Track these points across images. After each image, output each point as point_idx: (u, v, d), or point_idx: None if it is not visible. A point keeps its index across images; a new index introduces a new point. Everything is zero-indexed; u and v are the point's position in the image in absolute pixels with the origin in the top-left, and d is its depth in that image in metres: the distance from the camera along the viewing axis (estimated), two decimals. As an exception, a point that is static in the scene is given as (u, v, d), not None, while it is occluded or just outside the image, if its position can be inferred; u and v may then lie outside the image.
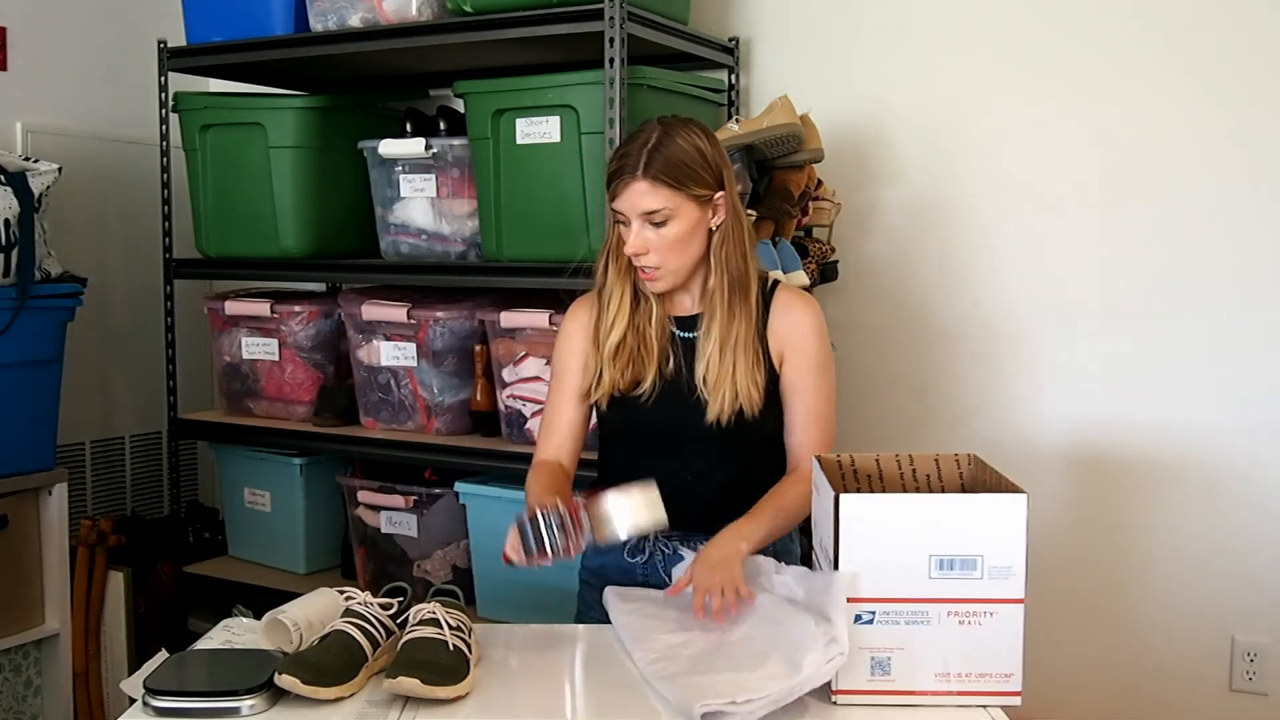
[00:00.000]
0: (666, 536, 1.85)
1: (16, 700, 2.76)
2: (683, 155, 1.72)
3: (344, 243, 2.87)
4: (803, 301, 1.86)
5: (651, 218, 1.72)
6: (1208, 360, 2.54)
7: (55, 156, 2.73)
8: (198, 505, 3.31)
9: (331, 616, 1.58)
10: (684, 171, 1.72)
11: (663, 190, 1.71)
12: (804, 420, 1.83)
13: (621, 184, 1.72)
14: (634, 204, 1.72)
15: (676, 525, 1.81)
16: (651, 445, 1.85)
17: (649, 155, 1.71)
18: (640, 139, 1.74)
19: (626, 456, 1.88)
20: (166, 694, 1.42)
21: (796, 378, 1.82)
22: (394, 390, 2.71)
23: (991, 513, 1.43)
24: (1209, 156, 2.50)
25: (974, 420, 2.74)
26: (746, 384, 1.77)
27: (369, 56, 2.69)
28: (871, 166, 2.78)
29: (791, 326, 1.82)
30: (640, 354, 1.81)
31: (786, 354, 1.82)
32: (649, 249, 1.74)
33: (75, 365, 2.86)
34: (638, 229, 1.73)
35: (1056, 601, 2.65)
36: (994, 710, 1.44)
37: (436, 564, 2.73)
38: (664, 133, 1.74)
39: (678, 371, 1.81)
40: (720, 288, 1.78)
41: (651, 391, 1.80)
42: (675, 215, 1.73)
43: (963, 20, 2.68)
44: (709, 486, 1.83)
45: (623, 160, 1.73)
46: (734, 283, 1.78)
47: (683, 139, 1.74)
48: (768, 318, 1.82)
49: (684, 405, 1.79)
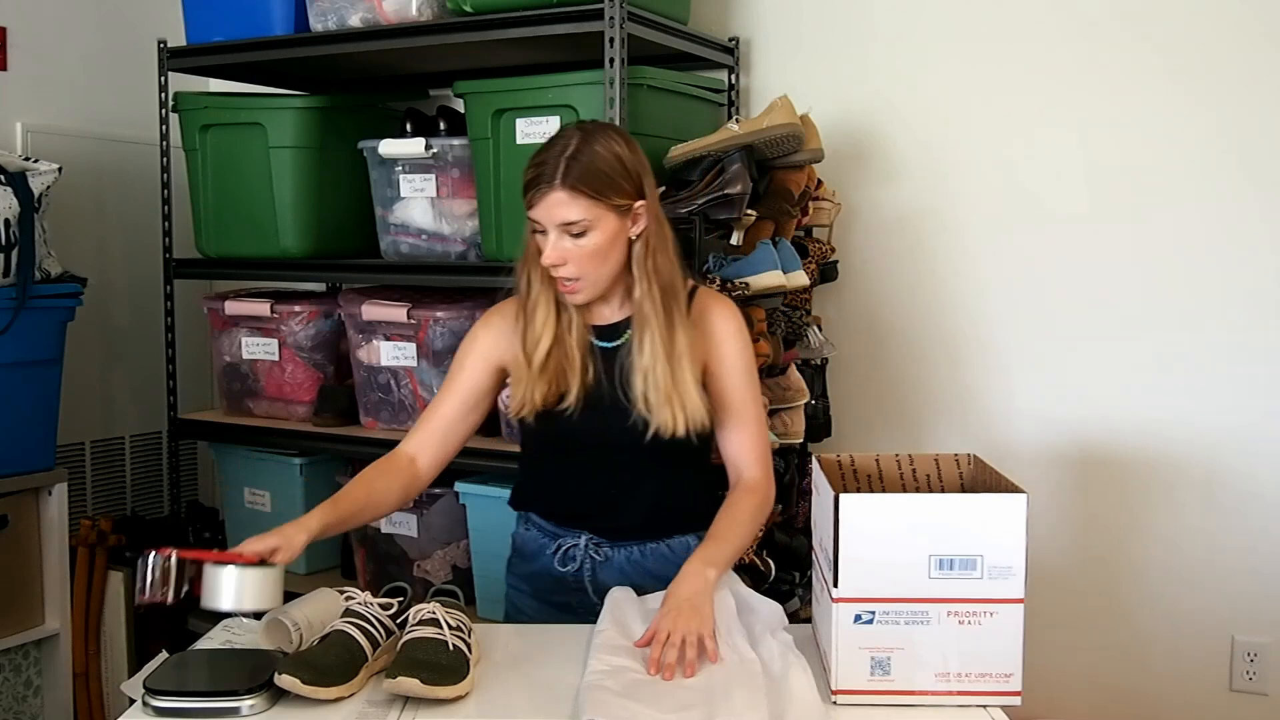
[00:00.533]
0: (596, 544, 1.83)
1: (16, 700, 2.76)
2: (602, 164, 1.66)
3: (344, 243, 2.87)
4: (726, 307, 1.82)
5: (570, 228, 1.66)
6: (1208, 361, 2.54)
7: (55, 156, 2.73)
8: (198, 505, 3.31)
9: (331, 616, 1.58)
10: (603, 181, 1.66)
11: (582, 200, 1.65)
12: (738, 426, 1.79)
13: (538, 193, 1.66)
14: (552, 214, 1.66)
15: (605, 535, 1.82)
16: (577, 457, 1.81)
17: (567, 164, 1.64)
18: (558, 146, 1.67)
19: (552, 468, 1.85)
20: (166, 694, 1.42)
21: (726, 384, 1.78)
22: (394, 390, 2.71)
23: (991, 513, 1.43)
24: (1206, 161, 2.50)
25: (974, 420, 2.74)
26: (696, 395, 1.72)
27: (369, 56, 2.69)
28: (871, 166, 2.78)
29: (716, 334, 1.78)
30: (563, 367, 1.75)
31: (710, 361, 1.78)
32: (567, 260, 1.68)
33: (75, 365, 2.86)
34: (555, 239, 1.67)
35: (1056, 601, 2.65)
36: (994, 710, 1.44)
37: (436, 564, 2.73)
38: (583, 140, 1.67)
39: (598, 383, 1.76)
40: (651, 297, 1.72)
41: (576, 404, 1.75)
42: (594, 226, 1.67)
43: (962, 20, 2.68)
44: (637, 498, 1.81)
45: (540, 168, 1.66)
46: (666, 291, 1.72)
47: (602, 147, 1.67)
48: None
49: (609, 417, 1.75)
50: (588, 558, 1.83)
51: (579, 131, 1.70)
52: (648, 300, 1.73)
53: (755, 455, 1.80)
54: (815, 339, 2.65)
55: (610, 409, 1.75)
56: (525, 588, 1.89)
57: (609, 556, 1.83)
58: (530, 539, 1.89)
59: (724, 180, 2.32)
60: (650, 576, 1.81)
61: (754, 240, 2.43)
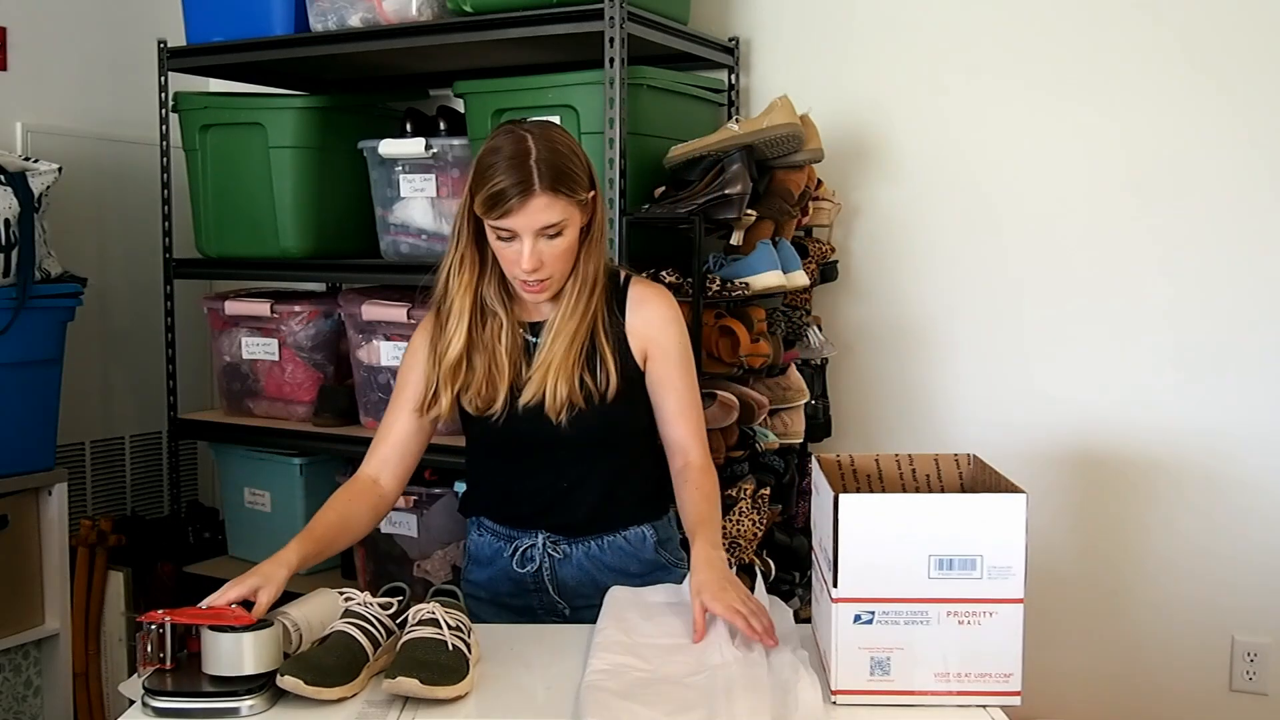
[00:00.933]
0: (554, 541, 1.83)
1: (16, 700, 2.76)
2: (567, 161, 1.66)
3: (344, 243, 2.87)
4: (659, 295, 1.82)
5: (547, 230, 1.65)
6: (1208, 361, 2.54)
7: (55, 156, 2.73)
8: (198, 505, 3.31)
9: (331, 617, 1.57)
10: (572, 178, 1.66)
11: (561, 201, 1.64)
12: (678, 412, 1.80)
13: (517, 202, 1.62)
14: (534, 220, 1.64)
15: (561, 532, 1.83)
16: (521, 457, 1.81)
17: (540, 167, 1.63)
18: (518, 151, 1.64)
19: (499, 471, 1.85)
20: (166, 694, 1.42)
21: (664, 372, 1.79)
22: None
23: (991, 513, 1.43)
24: (1214, 157, 2.50)
25: (974, 420, 2.74)
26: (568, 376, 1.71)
27: (369, 56, 2.69)
28: (871, 166, 2.78)
29: (650, 322, 1.79)
30: (491, 374, 1.75)
31: (650, 349, 1.78)
32: (544, 262, 1.67)
33: (75, 365, 2.87)
34: (532, 245, 1.65)
35: (1056, 601, 2.65)
36: (994, 710, 1.43)
37: (436, 564, 2.73)
38: (541, 140, 1.65)
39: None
40: (583, 283, 1.73)
41: (504, 410, 1.75)
42: (568, 224, 1.67)
43: (962, 20, 2.68)
44: (588, 491, 1.81)
45: (512, 177, 1.62)
46: (588, 280, 1.74)
47: (559, 143, 1.66)
48: (624, 314, 1.79)
49: (544, 415, 1.74)
50: (546, 556, 1.83)
51: (527, 132, 1.67)
52: (574, 289, 1.74)
53: (698, 438, 1.82)
54: (815, 339, 2.65)
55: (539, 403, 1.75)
56: (482, 594, 1.88)
57: (567, 553, 1.83)
58: (484, 544, 1.89)
59: (724, 180, 2.32)
60: (609, 570, 1.82)
61: (754, 240, 2.43)
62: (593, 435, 1.76)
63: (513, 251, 1.68)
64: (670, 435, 1.83)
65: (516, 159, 1.64)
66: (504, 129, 1.70)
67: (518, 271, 1.69)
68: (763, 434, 2.41)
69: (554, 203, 1.64)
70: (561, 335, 1.73)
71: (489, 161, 1.66)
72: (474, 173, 1.69)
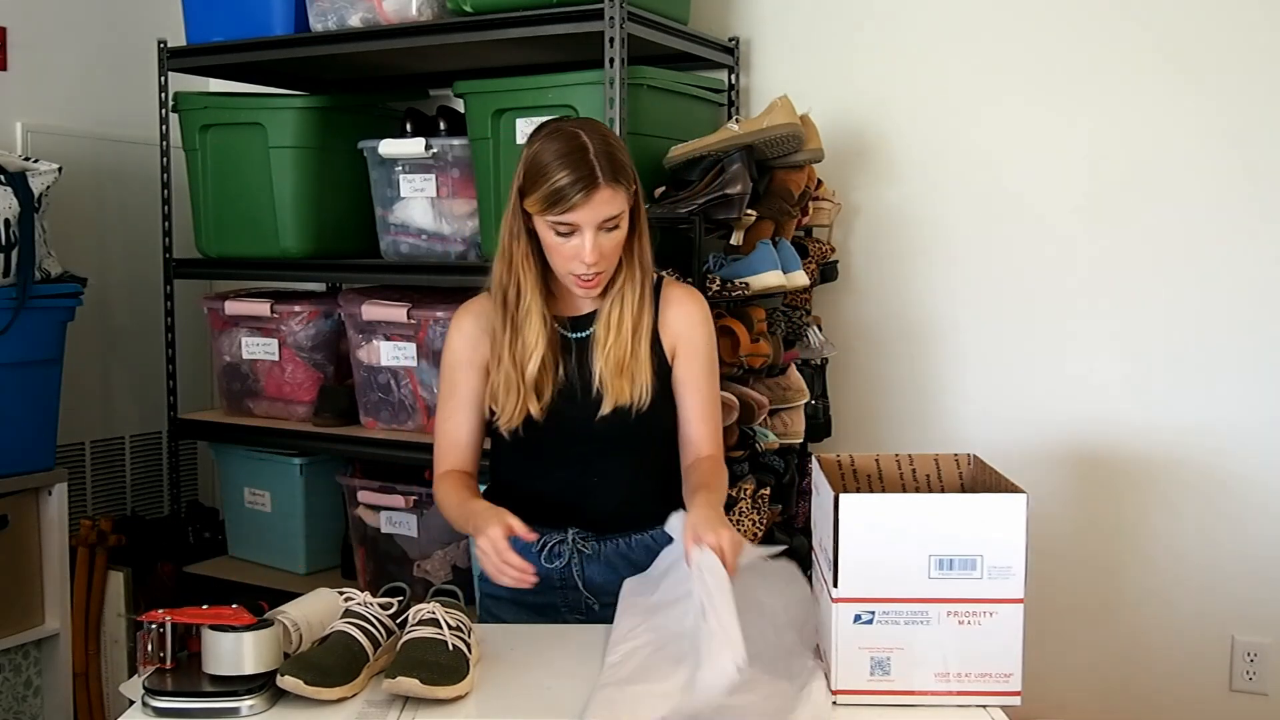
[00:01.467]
0: (583, 538, 1.83)
1: (16, 700, 2.76)
2: (619, 152, 1.69)
3: (344, 243, 2.87)
4: (693, 297, 1.85)
5: (607, 223, 1.67)
6: (1209, 361, 2.54)
7: (55, 156, 2.73)
8: (198, 505, 3.31)
9: (331, 617, 1.58)
10: (626, 168, 1.69)
11: (620, 193, 1.67)
12: (698, 412, 1.83)
13: (583, 197, 1.64)
14: (597, 213, 1.66)
15: (589, 528, 1.83)
16: (552, 451, 1.82)
17: (601, 160, 1.65)
18: (575, 147, 1.66)
19: (531, 466, 1.86)
20: (166, 694, 1.42)
21: (689, 372, 1.81)
22: (394, 390, 2.71)
23: (991, 513, 1.43)
24: (1208, 161, 2.51)
25: (974, 420, 2.74)
26: (649, 372, 1.76)
27: (369, 56, 2.69)
28: (871, 166, 2.78)
29: (682, 321, 1.81)
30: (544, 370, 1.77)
31: (680, 348, 1.81)
32: (602, 255, 1.69)
33: (75, 365, 2.86)
34: (593, 238, 1.67)
35: (1056, 601, 2.65)
36: (994, 710, 1.43)
37: (436, 564, 2.73)
38: (594, 134, 1.68)
39: (569, 376, 1.78)
40: (632, 280, 1.76)
41: (550, 404, 1.77)
42: (624, 216, 1.70)
43: (963, 20, 2.68)
44: (615, 486, 1.83)
45: (575, 172, 1.64)
46: (645, 273, 1.77)
47: (609, 136, 1.70)
48: (658, 312, 1.81)
49: (583, 407, 1.77)
50: (575, 552, 1.83)
51: (578, 129, 1.70)
52: (628, 283, 1.76)
53: (714, 440, 1.84)
54: (815, 339, 2.65)
55: (582, 398, 1.77)
56: (503, 593, 1.86)
57: (596, 550, 1.83)
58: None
59: (724, 180, 2.32)
60: (636, 570, 1.81)
61: (754, 240, 2.43)
62: (626, 430, 1.77)
63: (571, 247, 1.69)
64: (687, 434, 1.84)
65: (575, 154, 1.66)
66: (549, 128, 1.72)
67: (574, 266, 1.70)
68: (763, 434, 2.41)
69: (615, 194, 1.67)
70: (623, 330, 1.75)
71: (544, 160, 1.67)
72: (525, 174, 1.70)
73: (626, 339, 1.75)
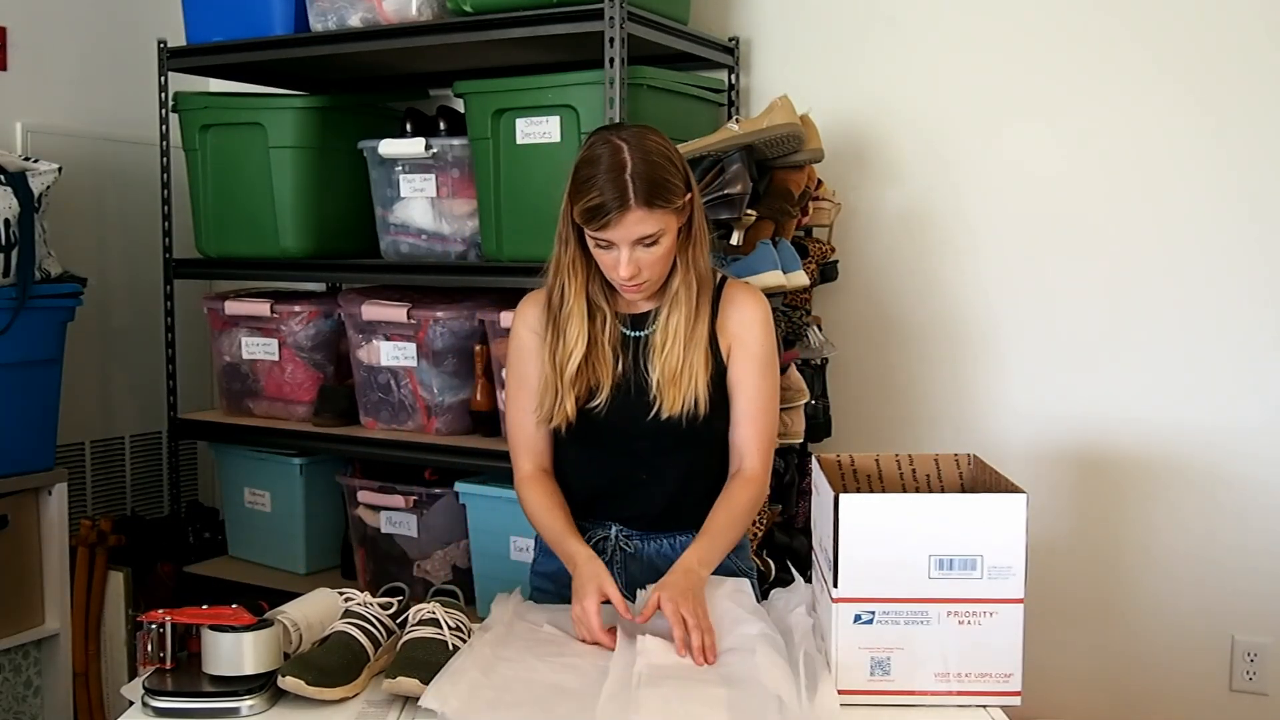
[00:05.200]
0: (626, 535, 1.84)
1: (16, 700, 2.76)
2: (663, 172, 1.67)
3: (344, 243, 2.87)
4: (753, 298, 1.84)
5: (643, 240, 1.68)
6: (1208, 360, 2.54)
7: (55, 156, 2.72)
8: (198, 505, 3.31)
9: (330, 617, 1.58)
10: (668, 188, 1.68)
11: (656, 213, 1.67)
12: (747, 415, 1.81)
13: (614, 217, 1.65)
14: (630, 233, 1.66)
15: (634, 525, 1.84)
16: (606, 444, 1.82)
17: (636, 182, 1.65)
18: (615, 164, 1.66)
19: (579, 455, 1.86)
20: (166, 694, 1.42)
21: (742, 372, 1.81)
22: (394, 390, 2.71)
23: (991, 513, 1.43)
24: (1208, 161, 2.50)
25: (974, 420, 2.74)
26: (704, 381, 1.76)
27: (369, 56, 2.69)
28: (871, 166, 2.78)
29: (740, 322, 1.81)
30: (596, 362, 1.78)
31: (734, 348, 1.81)
32: (640, 268, 1.70)
33: (75, 365, 2.86)
34: (629, 254, 1.68)
35: (1056, 601, 2.65)
36: (994, 710, 1.44)
37: (436, 564, 2.73)
38: (635, 150, 1.67)
39: (627, 372, 1.79)
40: (687, 286, 1.76)
41: (609, 398, 1.78)
42: (665, 231, 1.69)
43: (963, 20, 2.68)
44: (664, 483, 1.83)
45: (607, 191, 1.65)
46: (701, 281, 1.77)
47: (655, 154, 1.68)
48: (717, 312, 1.81)
49: (638, 404, 1.78)
50: (618, 549, 1.84)
51: (623, 142, 1.68)
52: (683, 289, 1.76)
53: (759, 446, 1.82)
54: (815, 339, 2.65)
55: (637, 395, 1.78)
56: (550, 586, 1.88)
57: (639, 549, 1.84)
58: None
59: (724, 180, 2.32)
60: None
61: (754, 240, 2.43)
62: (679, 432, 1.77)
63: (610, 258, 1.71)
64: (735, 437, 1.83)
65: (613, 172, 1.66)
66: (600, 137, 1.72)
67: (614, 276, 1.73)
68: (763, 434, 2.40)
69: (649, 215, 1.66)
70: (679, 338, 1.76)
71: (587, 174, 1.68)
72: (572, 181, 1.71)
73: (681, 348, 1.75)
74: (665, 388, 1.75)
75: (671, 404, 1.75)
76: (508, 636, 1.61)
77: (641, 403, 1.77)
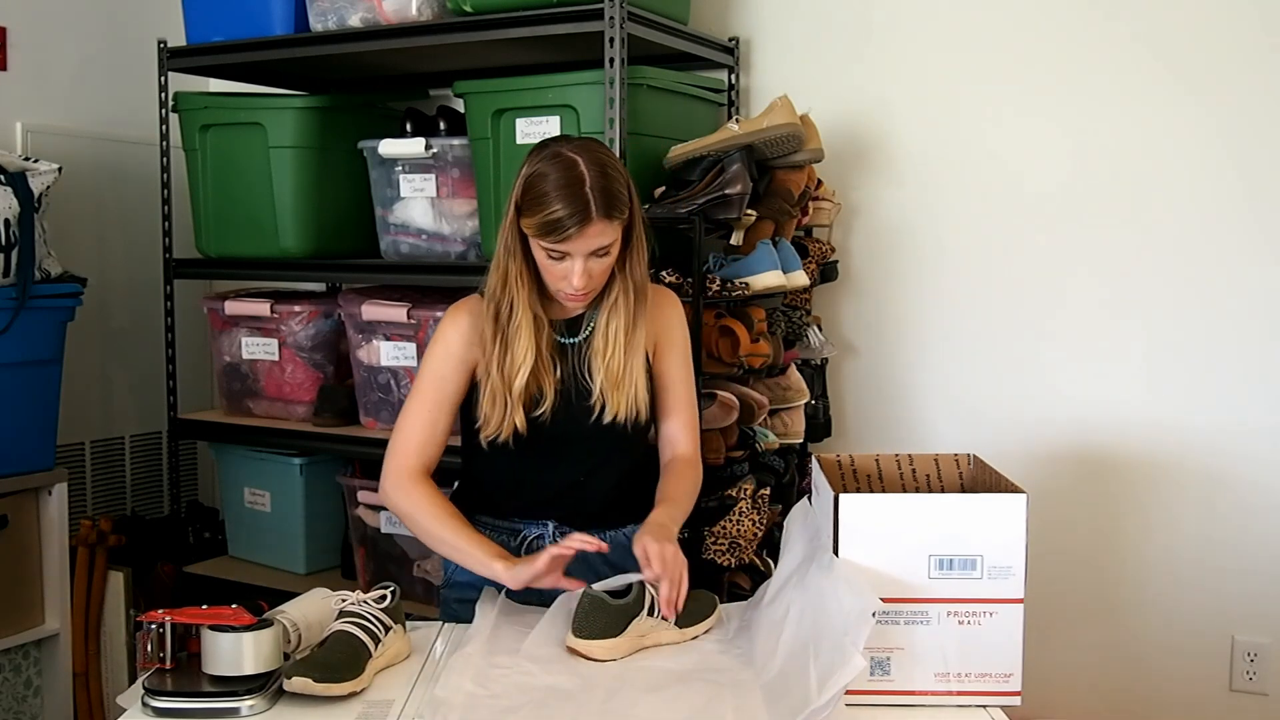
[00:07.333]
0: (563, 533, 1.84)
1: (16, 700, 2.76)
2: (616, 184, 1.70)
3: (344, 243, 2.87)
4: (668, 296, 1.92)
5: (597, 252, 1.71)
6: (1208, 361, 2.54)
7: (55, 156, 2.73)
8: (198, 505, 3.31)
9: (329, 618, 1.58)
10: (621, 199, 1.71)
11: (614, 224, 1.70)
12: (674, 406, 1.89)
13: (576, 230, 1.66)
14: (588, 245, 1.69)
15: (570, 523, 1.85)
16: (548, 450, 1.84)
17: (596, 195, 1.66)
18: (573, 178, 1.67)
19: (516, 465, 1.85)
20: (166, 694, 1.42)
21: (667, 366, 1.88)
22: (394, 390, 2.71)
23: (991, 513, 1.43)
24: (1208, 162, 2.50)
25: (974, 419, 2.74)
26: (644, 384, 1.81)
27: (369, 56, 2.69)
28: (871, 166, 2.78)
29: (660, 320, 1.87)
30: (539, 371, 1.78)
31: (660, 346, 1.87)
32: (591, 277, 1.72)
33: (75, 365, 2.87)
34: (583, 265, 1.70)
35: (1056, 601, 2.65)
36: (994, 710, 1.44)
37: (436, 564, 2.73)
38: (591, 164, 1.68)
39: (566, 378, 1.81)
40: (626, 293, 1.79)
41: (552, 405, 1.79)
42: (616, 240, 1.73)
43: (962, 20, 2.68)
44: (601, 483, 1.87)
45: (568, 205, 1.66)
46: (638, 288, 1.80)
47: (609, 166, 1.71)
48: None
49: (579, 409, 1.81)
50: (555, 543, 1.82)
51: (576, 155, 1.70)
52: (623, 295, 1.79)
53: (690, 434, 1.90)
54: (815, 339, 2.65)
55: (579, 401, 1.81)
56: (474, 595, 1.84)
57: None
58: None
59: (724, 180, 2.32)
60: (612, 567, 1.82)
61: (754, 240, 2.43)
62: (617, 435, 1.82)
63: (561, 269, 1.72)
64: (664, 429, 1.90)
65: (571, 186, 1.67)
66: (550, 151, 1.72)
67: (564, 286, 1.74)
68: (763, 434, 2.41)
69: (608, 227, 1.70)
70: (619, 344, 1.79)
71: (541, 188, 1.68)
72: (522, 194, 1.71)
73: (623, 353, 1.80)
74: (609, 392, 1.79)
75: (616, 408, 1.79)
76: (496, 643, 1.62)
77: (583, 407, 1.81)
